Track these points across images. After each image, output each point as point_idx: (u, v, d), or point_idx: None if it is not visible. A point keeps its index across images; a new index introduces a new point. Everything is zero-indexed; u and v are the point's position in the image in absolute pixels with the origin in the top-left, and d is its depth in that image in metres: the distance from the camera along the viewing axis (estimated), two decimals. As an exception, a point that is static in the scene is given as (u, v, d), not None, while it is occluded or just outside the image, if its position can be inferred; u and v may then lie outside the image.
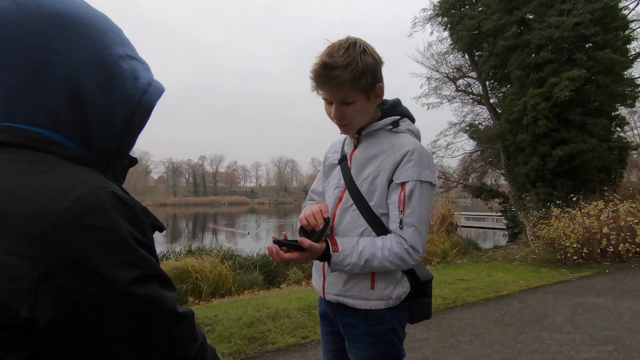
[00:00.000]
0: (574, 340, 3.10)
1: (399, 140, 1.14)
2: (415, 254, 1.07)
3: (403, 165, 1.08)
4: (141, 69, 0.64)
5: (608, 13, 9.69)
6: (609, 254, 6.64)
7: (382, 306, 1.12)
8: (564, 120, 9.67)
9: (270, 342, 3.17)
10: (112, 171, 0.60)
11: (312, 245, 1.04)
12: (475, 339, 3.19)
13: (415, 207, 1.06)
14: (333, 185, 1.24)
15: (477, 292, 4.66)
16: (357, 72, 1.01)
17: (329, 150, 1.36)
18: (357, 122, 1.14)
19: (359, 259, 1.05)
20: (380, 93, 1.12)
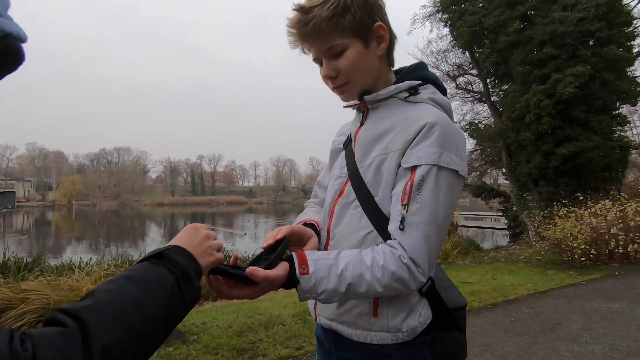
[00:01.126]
0: (594, 352, 2.84)
1: (416, 111, 0.82)
2: (418, 273, 0.73)
3: (417, 144, 0.77)
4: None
5: (613, 8, 9.48)
6: (617, 255, 6.40)
7: (388, 341, 0.81)
8: (568, 118, 9.44)
9: (261, 354, 2.90)
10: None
11: (267, 277, 0.68)
12: (486, 351, 2.93)
13: (427, 203, 0.74)
14: (334, 175, 0.95)
15: (483, 297, 4.40)
16: (339, 6, 0.77)
17: (337, 134, 1.07)
18: (357, 79, 0.84)
19: (338, 283, 0.72)
20: (383, 36, 0.83)
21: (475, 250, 10.66)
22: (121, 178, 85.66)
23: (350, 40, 0.80)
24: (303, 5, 0.79)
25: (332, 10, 0.77)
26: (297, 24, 0.80)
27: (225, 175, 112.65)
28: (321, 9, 0.77)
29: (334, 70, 0.83)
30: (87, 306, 0.43)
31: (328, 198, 0.93)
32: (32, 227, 35.47)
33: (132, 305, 0.47)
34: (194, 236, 0.64)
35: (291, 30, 0.81)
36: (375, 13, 0.82)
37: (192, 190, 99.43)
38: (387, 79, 0.89)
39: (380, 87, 0.87)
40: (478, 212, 25.19)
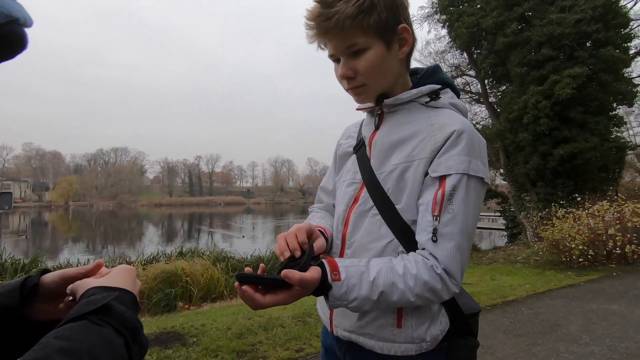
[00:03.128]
0: (593, 354, 2.84)
1: (440, 117, 0.80)
2: (451, 283, 0.72)
3: (446, 151, 0.75)
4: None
5: (610, 10, 9.54)
6: (615, 256, 6.43)
7: (412, 352, 0.79)
8: (565, 119, 9.49)
9: (261, 357, 2.89)
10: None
11: (304, 279, 0.66)
12: (486, 352, 2.93)
13: (458, 212, 0.73)
14: (347, 180, 0.90)
15: (482, 298, 4.40)
16: (365, 4, 0.72)
17: (342, 136, 1.03)
18: (375, 82, 0.80)
19: (370, 291, 0.70)
20: (406, 38, 0.79)
21: (473, 250, 10.69)
22: (118, 178, 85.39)
23: (373, 41, 0.76)
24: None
25: (358, 7, 0.72)
26: (318, 18, 0.74)
27: (223, 176, 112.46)
28: (346, 4, 0.72)
29: (352, 71, 0.78)
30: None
31: (341, 205, 0.89)
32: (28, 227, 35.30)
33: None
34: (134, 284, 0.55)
35: (310, 23, 0.76)
36: (401, 14, 0.78)
37: (190, 191, 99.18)
38: (405, 83, 0.86)
39: (397, 90, 0.84)
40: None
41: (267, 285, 0.69)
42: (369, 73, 0.78)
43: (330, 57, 0.82)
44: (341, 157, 0.99)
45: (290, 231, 0.78)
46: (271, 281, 0.68)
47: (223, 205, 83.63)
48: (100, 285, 0.48)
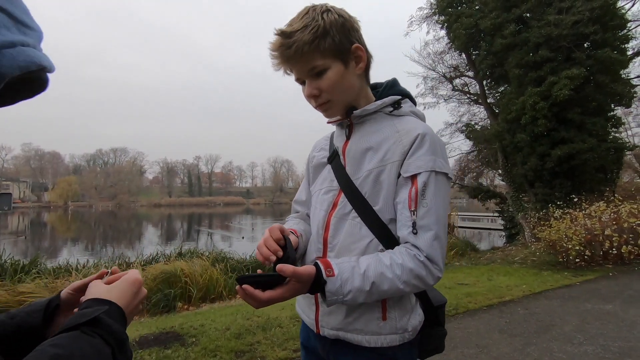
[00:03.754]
0: (586, 353, 2.88)
1: (404, 124, 0.90)
2: (434, 269, 0.80)
3: (413, 153, 0.84)
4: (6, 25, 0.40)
5: (607, 11, 9.57)
6: (612, 257, 6.46)
7: (396, 342, 0.86)
8: (563, 120, 9.53)
9: (259, 356, 2.92)
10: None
11: (297, 272, 0.74)
12: (481, 352, 2.96)
13: (431, 206, 0.81)
14: (323, 189, 0.98)
15: (479, 298, 4.44)
16: (319, 31, 0.82)
17: (314, 149, 1.10)
18: (339, 98, 0.89)
19: (362, 282, 0.77)
20: (360, 56, 0.88)
21: (471, 251, 10.72)
22: (117, 179, 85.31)
23: (331, 61, 0.85)
24: (284, 30, 0.83)
25: (313, 34, 0.81)
26: (281, 47, 0.83)
27: (223, 176, 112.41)
28: (302, 33, 0.81)
29: (317, 89, 0.87)
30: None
31: (320, 211, 0.95)
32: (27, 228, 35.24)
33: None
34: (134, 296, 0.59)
35: (274, 53, 0.85)
36: (353, 35, 0.87)
37: (189, 191, 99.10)
38: (367, 95, 0.95)
39: (361, 103, 0.93)
40: (475, 213, 25.29)
41: (265, 283, 0.74)
42: (332, 90, 0.87)
43: (297, 81, 0.91)
44: (315, 168, 1.06)
45: (265, 237, 0.84)
46: (268, 277, 0.74)
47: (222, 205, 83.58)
48: (94, 298, 0.52)
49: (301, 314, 1.01)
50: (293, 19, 0.85)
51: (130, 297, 0.56)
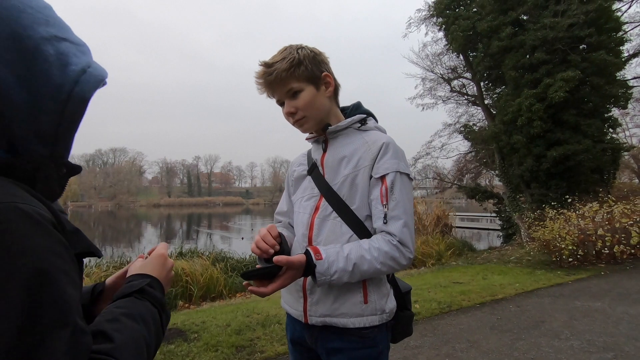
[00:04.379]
0: (572, 347, 3.01)
1: (371, 136, 1.09)
2: (405, 250, 0.97)
3: (380, 159, 1.03)
4: (74, 53, 0.52)
5: (602, 14, 9.69)
6: (604, 256, 6.60)
7: (376, 322, 1.01)
8: (558, 121, 9.66)
9: (259, 351, 3.04)
10: (44, 181, 0.49)
11: (290, 260, 0.90)
12: (471, 347, 3.09)
13: (399, 199, 0.99)
14: (305, 196, 1.13)
15: (472, 296, 4.56)
16: (294, 61, 1.02)
17: (293, 165, 1.27)
18: (312, 114, 1.07)
19: (345, 263, 0.93)
20: (329, 82, 1.08)
21: (468, 251, 10.85)
22: (117, 179, 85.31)
23: (305, 85, 1.04)
24: (267, 61, 1.03)
25: (289, 63, 1.01)
26: (264, 75, 1.03)
27: (222, 176, 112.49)
28: (281, 63, 1.01)
29: (293, 108, 1.05)
30: (114, 347, 0.48)
31: (304, 215, 1.10)
32: (27, 228, 35.15)
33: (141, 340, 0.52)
34: (163, 267, 0.69)
35: (259, 80, 1.05)
36: (322, 66, 1.07)
37: (189, 191, 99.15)
38: (337, 115, 1.14)
39: (332, 121, 1.12)
40: (474, 213, 25.39)
41: (266, 274, 0.90)
42: (306, 107, 1.05)
43: (277, 102, 1.09)
44: (296, 180, 1.22)
45: (262, 234, 1.00)
46: (267, 269, 0.89)
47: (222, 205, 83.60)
48: (136, 273, 0.66)
49: (288, 309, 1.14)
50: (274, 55, 1.05)
51: (160, 269, 0.68)
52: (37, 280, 0.38)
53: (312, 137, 1.16)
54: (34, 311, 0.37)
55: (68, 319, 0.40)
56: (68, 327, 0.40)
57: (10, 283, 0.37)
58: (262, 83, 1.05)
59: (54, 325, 0.39)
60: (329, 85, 1.08)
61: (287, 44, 1.08)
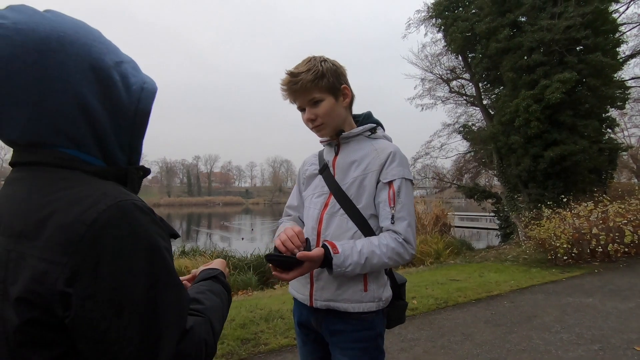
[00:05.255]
0: (561, 340, 3.15)
1: (379, 144, 1.22)
2: (409, 247, 1.11)
3: (389, 165, 1.16)
4: (131, 72, 0.64)
5: (598, 16, 9.83)
6: (599, 254, 6.73)
7: (373, 308, 1.15)
8: (555, 122, 9.79)
9: (263, 343, 3.19)
10: (130, 182, 0.63)
11: (310, 256, 1.03)
12: (466, 339, 3.24)
13: (405, 203, 1.13)
14: (316, 193, 1.26)
15: (468, 292, 4.71)
16: (318, 73, 1.13)
17: (305, 164, 1.40)
18: (330, 122, 1.19)
19: (359, 257, 1.06)
20: (347, 94, 1.21)
21: (466, 250, 10.99)
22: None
23: (326, 95, 1.16)
24: (292, 71, 1.15)
25: (314, 75, 1.13)
26: (289, 83, 1.15)
27: (222, 176, 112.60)
28: (306, 74, 1.13)
29: (314, 115, 1.17)
30: (206, 308, 0.66)
31: (314, 210, 1.23)
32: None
33: (220, 309, 0.70)
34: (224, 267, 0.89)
35: (284, 87, 1.17)
36: (342, 79, 1.20)
37: (188, 191, 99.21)
38: (350, 123, 1.27)
39: (346, 128, 1.25)
40: (474, 213, 25.50)
41: (286, 263, 1.05)
42: (325, 116, 1.18)
43: (299, 109, 1.21)
44: (308, 178, 1.34)
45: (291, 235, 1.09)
46: (289, 260, 1.04)
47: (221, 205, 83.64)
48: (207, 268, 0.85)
49: (295, 294, 1.27)
50: (299, 65, 1.17)
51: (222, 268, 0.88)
52: (153, 254, 0.53)
53: (326, 140, 1.29)
54: (153, 275, 0.52)
55: (175, 280, 0.56)
56: (175, 285, 0.56)
57: (138, 255, 0.51)
58: (287, 90, 1.17)
59: (166, 283, 0.54)
60: (347, 96, 1.21)
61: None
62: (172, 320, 0.54)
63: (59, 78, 0.54)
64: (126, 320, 0.49)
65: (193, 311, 0.63)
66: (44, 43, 0.53)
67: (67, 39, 0.56)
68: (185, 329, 0.56)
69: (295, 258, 1.03)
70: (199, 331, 0.59)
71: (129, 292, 0.49)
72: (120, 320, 0.49)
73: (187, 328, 0.57)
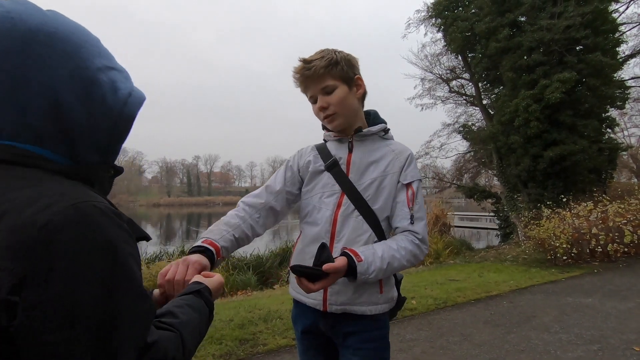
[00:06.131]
0: (560, 340, 3.15)
1: (395, 146, 1.23)
2: (424, 247, 1.13)
3: (407, 167, 1.18)
4: (121, 79, 0.64)
5: (598, 16, 9.82)
6: (598, 254, 6.73)
7: (387, 308, 1.17)
8: (555, 122, 9.79)
9: (262, 344, 3.18)
10: (99, 182, 0.62)
11: (336, 267, 0.98)
12: (465, 340, 3.23)
13: (421, 203, 1.16)
14: (326, 192, 1.18)
15: (467, 293, 4.70)
16: (332, 60, 1.12)
17: (302, 156, 1.28)
18: (342, 112, 1.16)
19: (382, 263, 1.05)
20: (360, 84, 1.19)
21: (466, 250, 10.98)
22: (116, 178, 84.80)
23: (339, 83, 1.14)
24: (305, 59, 1.14)
25: (327, 62, 1.11)
26: (302, 69, 1.13)
27: (222, 176, 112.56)
28: (320, 61, 1.12)
29: (326, 103, 1.14)
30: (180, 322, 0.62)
31: (327, 211, 1.16)
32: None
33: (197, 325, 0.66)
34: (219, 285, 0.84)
35: (296, 75, 1.15)
36: (356, 68, 1.19)
37: (188, 191, 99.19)
38: (362, 118, 1.24)
39: (358, 123, 1.21)
40: (474, 213, 25.47)
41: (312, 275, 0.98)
42: (338, 104, 1.15)
43: (310, 99, 1.18)
44: (313, 173, 1.23)
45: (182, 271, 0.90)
46: (316, 272, 0.98)
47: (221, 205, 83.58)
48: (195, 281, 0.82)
49: (304, 299, 1.19)
50: (312, 54, 1.16)
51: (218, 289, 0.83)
52: (112, 260, 0.49)
53: (335, 136, 1.23)
54: (112, 284, 0.48)
55: (137, 289, 0.52)
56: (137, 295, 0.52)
57: (94, 262, 0.46)
58: (299, 78, 1.15)
59: (126, 293, 0.50)
60: (360, 87, 1.19)
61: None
62: (132, 333, 0.49)
63: (36, 70, 0.53)
64: (78, 333, 0.44)
65: (164, 325, 0.60)
66: (31, 34, 0.52)
67: (58, 35, 0.55)
68: (147, 343, 0.52)
69: (321, 270, 0.97)
70: (165, 346, 0.55)
71: (81, 301, 0.45)
72: (70, 332, 0.44)
73: (150, 342, 0.52)
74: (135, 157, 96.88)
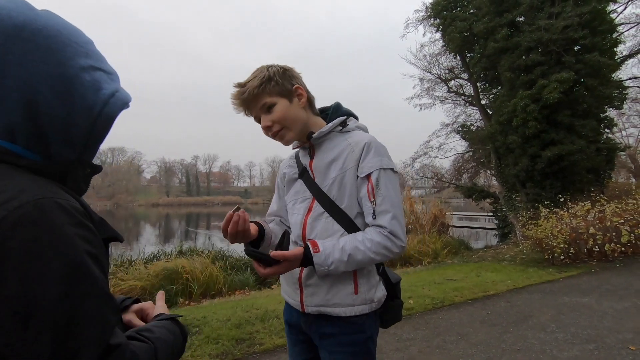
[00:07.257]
0: (556, 340, 3.15)
1: (353, 137, 1.16)
2: (397, 240, 1.06)
3: (364, 158, 1.10)
4: (106, 80, 0.64)
5: (596, 16, 9.83)
6: (595, 254, 6.74)
7: (366, 311, 1.11)
8: (553, 122, 9.80)
9: (258, 343, 3.18)
10: (72, 179, 0.61)
11: (284, 255, 1.01)
12: (461, 339, 3.23)
13: (385, 195, 1.07)
14: (299, 198, 1.22)
15: (465, 292, 4.70)
16: (264, 78, 1.10)
17: (283, 166, 1.34)
18: (289, 125, 1.14)
19: (341, 254, 1.03)
20: (301, 93, 1.16)
21: (464, 249, 10.99)
22: (115, 178, 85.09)
23: (277, 98, 1.12)
24: (240, 82, 1.13)
25: (260, 81, 1.10)
26: (238, 94, 1.12)
27: (221, 176, 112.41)
28: (253, 81, 1.10)
29: (270, 121, 1.13)
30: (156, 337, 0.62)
31: (298, 215, 1.19)
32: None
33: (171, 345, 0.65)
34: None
35: (234, 100, 1.14)
36: (293, 80, 1.15)
37: (187, 191, 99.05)
38: (317, 122, 1.21)
39: (314, 128, 1.19)
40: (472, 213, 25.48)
41: (262, 260, 1.02)
42: (281, 119, 1.13)
43: (255, 119, 1.17)
44: (288, 182, 1.29)
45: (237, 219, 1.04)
46: (264, 257, 1.02)
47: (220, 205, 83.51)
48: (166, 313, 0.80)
49: (287, 298, 1.24)
50: (247, 77, 1.14)
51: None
52: (71, 259, 0.47)
53: (298, 145, 1.25)
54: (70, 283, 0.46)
55: (99, 289, 0.50)
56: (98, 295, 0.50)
57: (51, 260, 0.45)
58: (238, 102, 1.14)
59: (86, 292, 0.48)
60: (302, 96, 1.16)
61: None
62: (91, 334, 0.47)
63: (16, 65, 0.53)
64: (34, 334, 0.42)
65: (140, 336, 0.60)
66: (15, 30, 0.53)
67: (44, 32, 0.55)
68: (110, 345, 0.49)
69: (268, 256, 1.00)
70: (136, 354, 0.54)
71: (37, 301, 0.43)
72: (26, 333, 0.42)
73: (114, 344, 0.50)
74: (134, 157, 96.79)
